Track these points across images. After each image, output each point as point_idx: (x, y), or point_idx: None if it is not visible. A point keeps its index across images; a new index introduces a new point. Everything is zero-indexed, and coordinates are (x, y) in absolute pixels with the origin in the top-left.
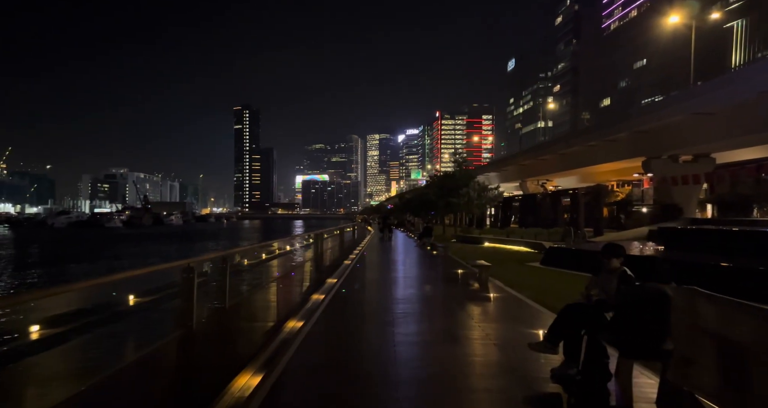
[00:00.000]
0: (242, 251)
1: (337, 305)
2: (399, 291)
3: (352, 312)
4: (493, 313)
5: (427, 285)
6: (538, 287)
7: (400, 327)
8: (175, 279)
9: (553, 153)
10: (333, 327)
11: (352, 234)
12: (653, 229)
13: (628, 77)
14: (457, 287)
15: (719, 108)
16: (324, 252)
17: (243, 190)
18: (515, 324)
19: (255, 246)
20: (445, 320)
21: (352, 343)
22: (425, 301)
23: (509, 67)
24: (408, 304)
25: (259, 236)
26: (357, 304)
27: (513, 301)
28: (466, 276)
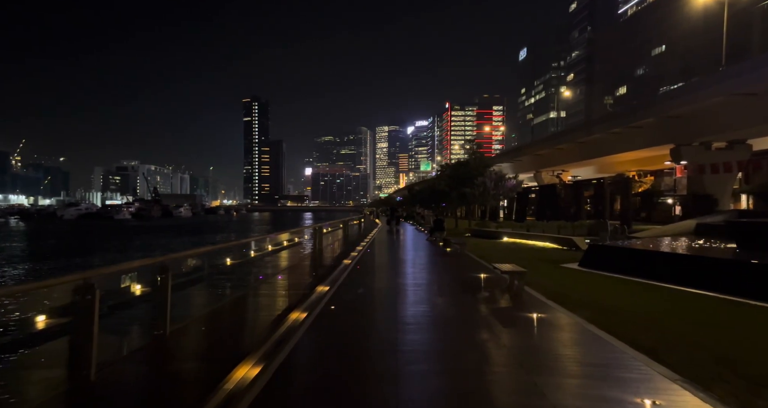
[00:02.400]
0: (194, 254)
1: (318, 335)
2: (405, 309)
3: (336, 350)
4: (542, 350)
5: (442, 298)
6: (594, 303)
7: (406, 386)
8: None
9: (572, 142)
10: (300, 385)
11: (359, 227)
12: (703, 222)
13: (645, 65)
14: (481, 302)
15: (764, 87)
16: (322, 249)
17: (252, 183)
18: (589, 378)
19: (223, 245)
20: (473, 368)
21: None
22: (441, 327)
23: (521, 56)
24: (417, 335)
25: (266, 228)
26: (345, 333)
27: (568, 329)
28: (492, 283)
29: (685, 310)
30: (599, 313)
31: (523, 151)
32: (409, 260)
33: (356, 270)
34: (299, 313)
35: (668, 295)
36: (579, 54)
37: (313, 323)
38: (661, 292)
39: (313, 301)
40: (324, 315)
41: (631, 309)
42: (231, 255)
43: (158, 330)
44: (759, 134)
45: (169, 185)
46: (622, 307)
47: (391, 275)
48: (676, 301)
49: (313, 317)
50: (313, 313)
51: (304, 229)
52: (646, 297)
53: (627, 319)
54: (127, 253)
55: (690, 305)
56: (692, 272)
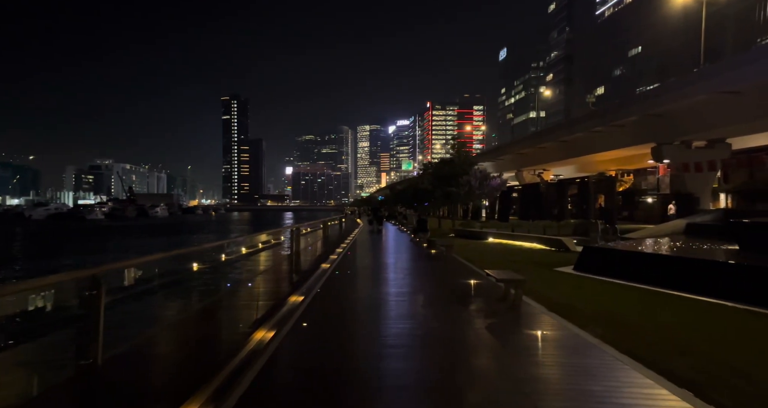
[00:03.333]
0: (139, 264)
1: (284, 364)
2: (389, 326)
3: (303, 387)
4: (559, 382)
5: (431, 311)
6: (603, 315)
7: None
8: None
9: (554, 140)
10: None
11: (339, 227)
12: (693, 222)
13: (623, 65)
14: (476, 315)
15: (748, 86)
16: (299, 253)
17: (231, 182)
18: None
19: (180, 251)
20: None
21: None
22: (432, 351)
23: (501, 56)
24: (403, 363)
25: (244, 228)
26: (317, 360)
27: (582, 351)
28: (485, 292)
29: (714, 327)
30: (613, 329)
31: (505, 150)
32: (391, 264)
33: (335, 276)
34: (266, 332)
35: (684, 306)
36: (558, 54)
37: (280, 347)
38: (675, 302)
39: (284, 316)
40: (295, 334)
41: (649, 324)
42: (194, 261)
43: (86, 359)
44: (741, 133)
45: (145, 185)
46: (638, 321)
47: (372, 282)
48: (697, 314)
49: (281, 337)
50: (282, 331)
51: (281, 230)
52: (660, 308)
53: (649, 339)
54: (85, 257)
55: (715, 319)
56: (704, 278)
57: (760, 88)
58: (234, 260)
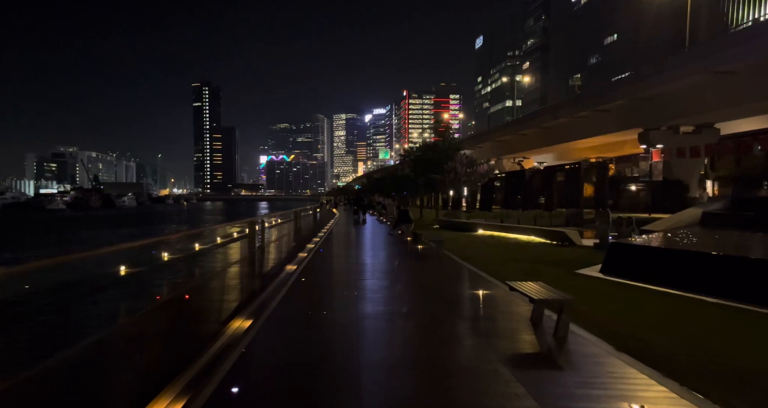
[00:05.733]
0: (35, 269)
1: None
2: (370, 392)
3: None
4: None
5: (434, 351)
6: (712, 360)
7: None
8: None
9: (536, 127)
10: None
11: (313, 218)
12: (708, 210)
13: (598, 53)
14: (507, 360)
15: (743, 66)
16: (264, 250)
17: (204, 171)
18: None
19: (102, 251)
20: None
21: None
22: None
23: (477, 45)
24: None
25: (217, 218)
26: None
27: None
28: (501, 311)
29: None
30: (754, 393)
31: (485, 137)
32: (371, 266)
33: (300, 285)
34: (174, 406)
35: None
36: (534, 42)
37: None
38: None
39: (212, 359)
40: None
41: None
42: (125, 262)
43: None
44: (731, 117)
45: (113, 174)
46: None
47: (347, 295)
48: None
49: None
50: (200, 397)
51: (246, 222)
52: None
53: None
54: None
55: None
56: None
57: (756, 68)
58: (183, 258)
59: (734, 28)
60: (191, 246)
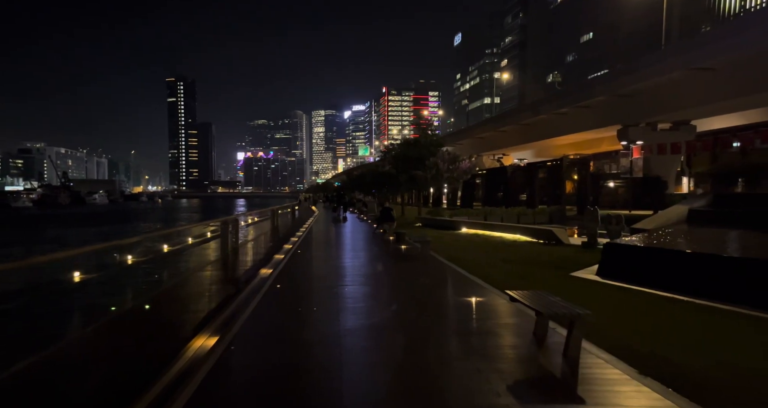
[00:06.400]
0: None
1: None
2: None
3: None
4: None
5: (430, 377)
6: (742, 387)
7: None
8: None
9: (516, 124)
10: None
11: (292, 216)
12: (694, 207)
13: (575, 51)
14: (518, 387)
15: (722, 62)
16: (237, 251)
17: (179, 168)
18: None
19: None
20: None
21: None
22: None
23: (456, 42)
24: None
25: (194, 216)
26: None
27: None
28: (499, 322)
29: None
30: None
31: (465, 134)
32: (353, 269)
33: (275, 292)
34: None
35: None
36: (512, 40)
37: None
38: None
39: (161, 394)
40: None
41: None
42: (77, 269)
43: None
44: (707, 114)
45: (83, 170)
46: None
47: (326, 305)
48: None
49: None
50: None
51: (218, 222)
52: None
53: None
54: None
55: None
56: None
57: (734, 64)
58: (149, 260)
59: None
60: (157, 248)
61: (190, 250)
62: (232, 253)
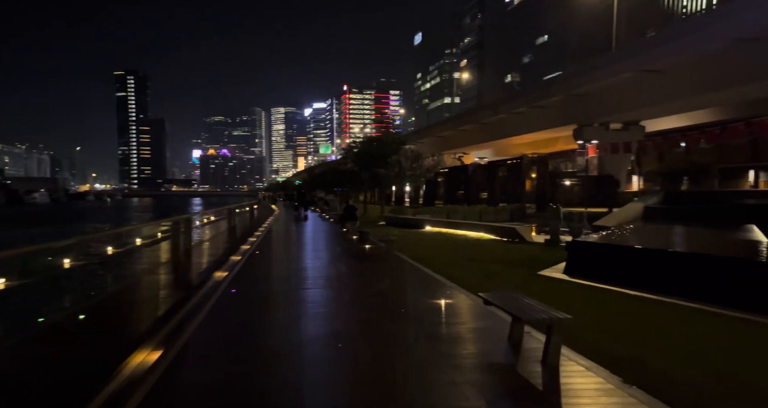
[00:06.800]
0: None
1: None
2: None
3: None
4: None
5: (394, 395)
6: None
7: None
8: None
9: (476, 122)
10: None
11: (250, 215)
12: (651, 205)
13: (531, 53)
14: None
15: (670, 64)
16: (190, 253)
17: (130, 165)
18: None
19: None
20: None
21: None
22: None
23: (416, 41)
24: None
25: (145, 216)
26: None
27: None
28: (468, 326)
29: None
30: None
31: (427, 132)
32: (315, 271)
33: (230, 297)
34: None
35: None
36: (471, 40)
37: None
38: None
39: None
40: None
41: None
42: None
43: None
44: (655, 115)
45: (22, 167)
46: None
47: (286, 311)
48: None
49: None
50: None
51: (169, 221)
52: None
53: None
54: None
55: None
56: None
57: (681, 66)
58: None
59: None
60: (99, 251)
61: (136, 252)
62: (184, 255)
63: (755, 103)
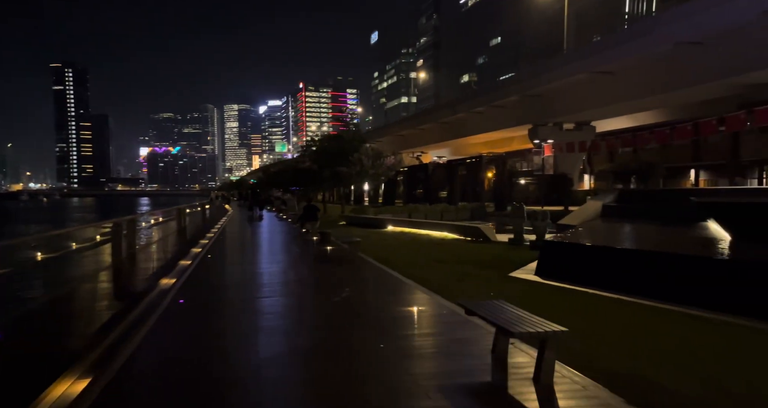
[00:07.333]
0: None
1: None
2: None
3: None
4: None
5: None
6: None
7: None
8: None
9: (435, 121)
10: None
11: (202, 216)
12: (608, 204)
13: (485, 54)
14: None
15: (620, 66)
16: (135, 258)
17: (69, 163)
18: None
19: None
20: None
21: None
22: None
23: (372, 40)
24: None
25: (88, 217)
26: None
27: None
28: (445, 339)
29: None
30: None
31: (386, 131)
32: (272, 276)
33: (176, 309)
34: None
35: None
36: (427, 40)
37: None
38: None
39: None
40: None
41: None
42: None
43: None
44: (605, 116)
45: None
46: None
47: (240, 325)
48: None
49: None
50: None
51: (109, 223)
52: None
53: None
54: None
55: None
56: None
57: (630, 68)
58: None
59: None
60: (25, 257)
61: (70, 258)
62: (127, 261)
63: (701, 105)
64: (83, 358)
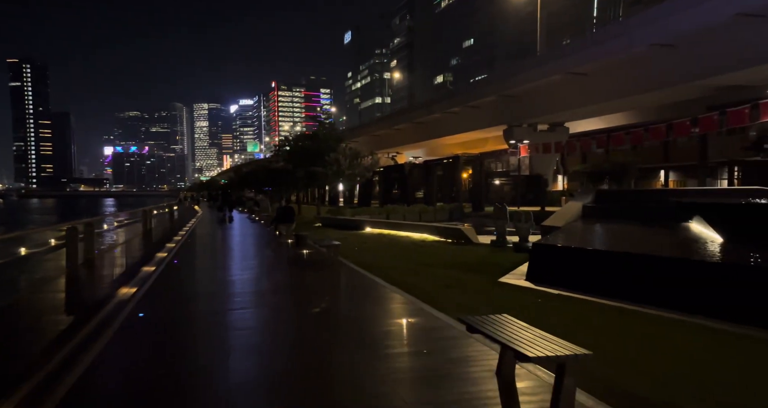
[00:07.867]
0: None
1: None
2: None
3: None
4: None
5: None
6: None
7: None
8: None
9: (410, 122)
10: None
11: (170, 218)
12: (587, 204)
13: (458, 55)
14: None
15: (593, 67)
16: (92, 265)
17: (28, 163)
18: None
19: None
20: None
21: None
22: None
23: (346, 40)
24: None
25: (48, 219)
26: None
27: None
28: (470, 374)
29: None
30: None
31: (361, 131)
32: (244, 284)
33: (136, 324)
34: None
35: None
36: (401, 41)
37: None
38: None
39: None
40: None
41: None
42: None
43: None
44: (578, 117)
45: None
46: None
47: (211, 343)
48: None
49: None
50: None
51: (64, 226)
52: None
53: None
54: None
55: None
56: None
57: (603, 70)
58: None
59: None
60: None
61: (19, 264)
62: (84, 268)
63: (672, 107)
64: (13, 393)
